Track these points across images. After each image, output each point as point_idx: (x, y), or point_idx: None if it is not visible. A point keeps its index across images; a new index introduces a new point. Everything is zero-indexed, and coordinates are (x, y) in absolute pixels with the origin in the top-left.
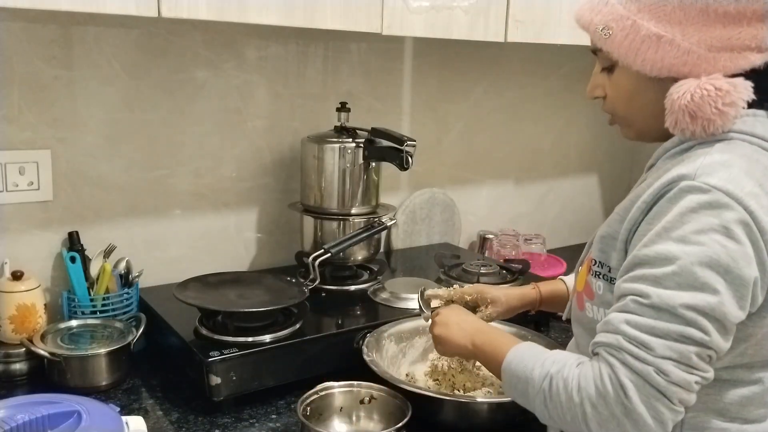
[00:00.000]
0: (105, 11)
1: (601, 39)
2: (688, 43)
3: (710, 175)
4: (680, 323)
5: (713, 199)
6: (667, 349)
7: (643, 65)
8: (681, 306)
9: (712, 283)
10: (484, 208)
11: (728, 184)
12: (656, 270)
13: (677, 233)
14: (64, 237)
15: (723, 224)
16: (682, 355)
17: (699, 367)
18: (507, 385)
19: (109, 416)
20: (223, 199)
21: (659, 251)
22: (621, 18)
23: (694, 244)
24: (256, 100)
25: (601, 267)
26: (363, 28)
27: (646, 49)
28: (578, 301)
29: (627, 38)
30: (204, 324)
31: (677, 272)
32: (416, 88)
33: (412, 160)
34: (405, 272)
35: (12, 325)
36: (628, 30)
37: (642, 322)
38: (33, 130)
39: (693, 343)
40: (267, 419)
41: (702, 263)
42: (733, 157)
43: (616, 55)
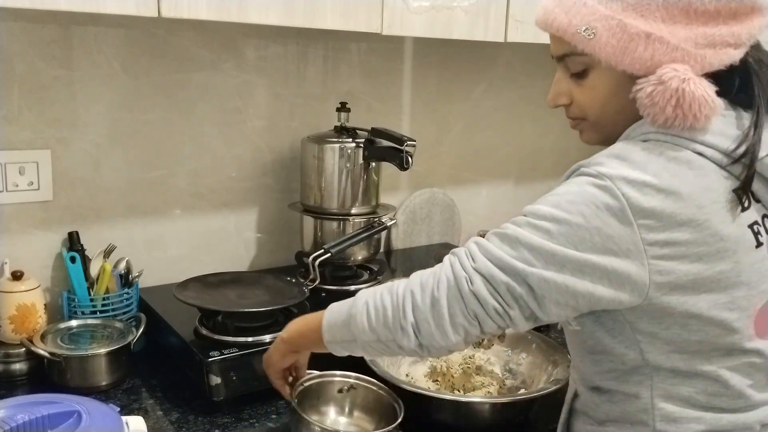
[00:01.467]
0: (105, 11)
1: (583, 41)
2: (676, 40)
3: (601, 165)
4: (512, 255)
5: (596, 182)
6: (484, 267)
7: (631, 64)
8: (525, 241)
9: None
10: (484, 208)
11: (613, 171)
12: (521, 216)
13: (554, 199)
14: (64, 237)
15: (596, 202)
16: (493, 278)
17: (503, 300)
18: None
19: (109, 416)
20: (223, 199)
21: (534, 207)
22: (605, 18)
23: (564, 210)
24: (256, 100)
25: None
26: (363, 28)
27: (635, 47)
28: None
29: (614, 37)
30: (204, 324)
31: (544, 217)
32: (416, 88)
33: (412, 160)
34: (405, 272)
35: (12, 325)
36: (614, 29)
37: (483, 243)
38: (33, 130)
39: (509, 273)
40: (267, 419)
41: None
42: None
43: (601, 56)
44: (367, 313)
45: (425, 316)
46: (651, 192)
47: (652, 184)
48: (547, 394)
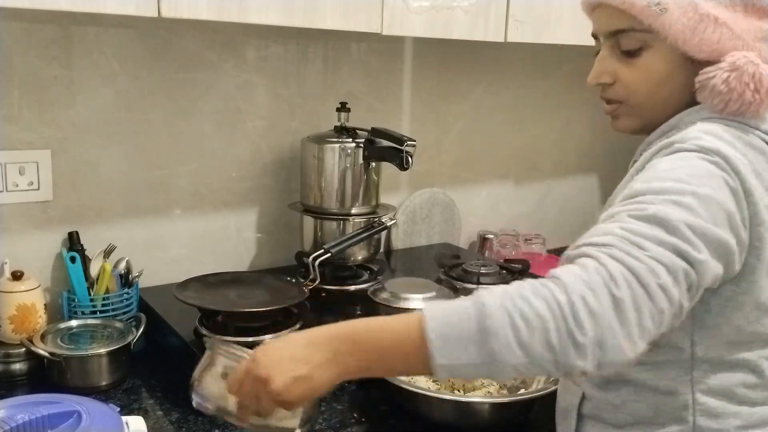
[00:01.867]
0: (105, 11)
1: (653, 15)
2: (738, 29)
3: (699, 139)
4: (677, 237)
5: (701, 156)
6: (661, 254)
7: (698, 46)
8: (679, 221)
9: (705, 212)
10: (484, 208)
11: (714, 144)
12: (651, 196)
13: (671, 174)
14: (64, 237)
15: (710, 172)
16: (672, 266)
17: (682, 287)
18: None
19: (109, 416)
20: (223, 199)
21: (652, 185)
22: None
23: (688, 184)
24: (256, 100)
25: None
26: (363, 28)
27: (703, 29)
28: None
29: (685, 15)
30: (204, 324)
31: (675, 192)
32: (416, 88)
33: (412, 160)
34: (405, 272)
35: (12, 325)
36: (686, 7)
37: (637, 229)
38: (33, 130)
39: (684, 259)
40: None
41: (696, 194)
42: (716, 129)
43: (669, 33)
44: (512, 326)
45: (609, 324)
46: (750, 173)
47: (749, 166)
48: (547, 394)
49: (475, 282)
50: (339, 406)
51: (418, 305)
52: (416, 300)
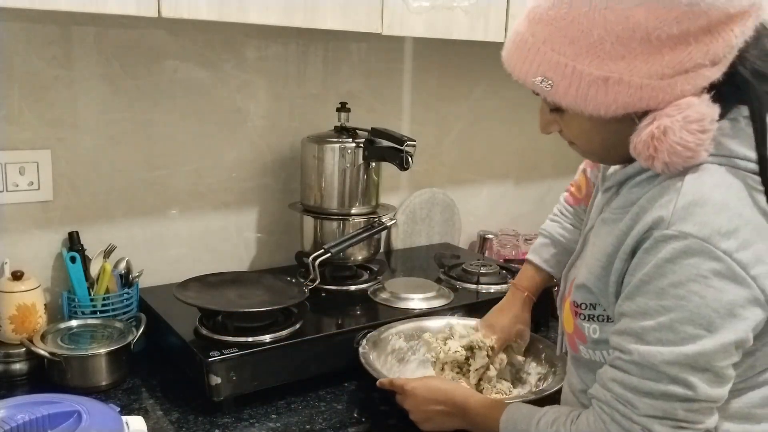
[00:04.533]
0: (105, 11)
1: (543, 91)
2: (638, 78)
3: (684, 221)
4: (663, 381)
5: (689, 248)
6: (651, 408)
7: (596, 110)
8: (662, 363)
9: (692, 336)
10: (484, 208)
11: (703, 229)
12: (636, 324)
13: (654, 286)
14: (64, 237)
15: (700, 274)
16: (666, 413)
17: (690, 420)
18: None
19: (109, 416)
20: (223, 199)
21: (639, 305)
22: (558, 66)
23: (673, 298)
24: (256, 100)
25: (593, 308)
26: (363, 28)
27: (594, 94)
28: (571, 344)
29: (572, 87)
30: (204, 324)
31: (656, 328)
32: (416, 88)
33: (412, 160)
34: (405, 272)
35: (12, 325)
36: (570, 78)
37: (627, 381)
38: (33, 130)
39: (677, 399)
40: (267, 419)
41: (682, 319)
42: (706, 192)
43: (563, 104)
44: None
45: None
46: (746, 233)
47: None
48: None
49: (475, 282)
50: (339, 406)
51: (418, 305)
52: (416, 300)
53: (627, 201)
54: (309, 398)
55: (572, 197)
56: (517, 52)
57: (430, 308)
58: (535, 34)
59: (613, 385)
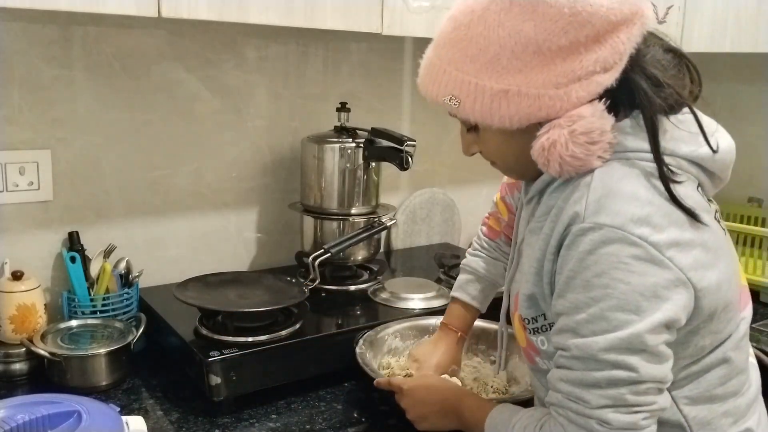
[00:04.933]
0: (105, 11)
1: (453, 109)
2: (534, 89)
3: (598, 213)
4: (605, 368)
5: (605, 237)
6: (601, 398)
7: (501, 122)
8: (600, 351)
9: (623, 322)
10: (484, 208)
11: (616, 218)
12: (571, 320)
13: (580, 280)
14: (64, 237)
15: (621, 261)
16: (616, 399)
17: (641, 403)
18: None
19: (109, 416)
20: (223, 199)
21: (570, 300)
22: (463, 84)
23: (599, 288)
24: (256, 100)
25: (536, 321)
26: (363, 28)
27: (497, 107)
28: (527, 357)
29: (476, 102)
30: (204, 324)
31: (588, 320)
32: (416, 88)
33: (412, 160)
34: (405, 272)
35: (12, 325)
36: (474, 94)
37: (572, 376)
38: (33, 130)
39: (623, 384)
40: (267, 419)
41: (611, 307)
42: (614, 184)
43: (472, 120)
44: None
45: None
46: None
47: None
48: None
49: None
50: (339, 406)
51: (418, 305)
52: (416, 300)
53: (547, 207)
54: (309, 398)
55: (491, 230)
56: (428, 76)
57: (430, 308)
58: (440, 57)
59: (561, 384)
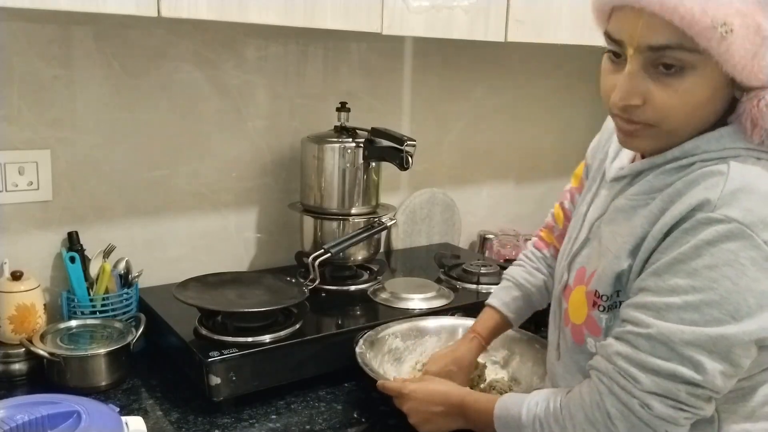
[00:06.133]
0: (105, 11)
1: (715, 38)
2: None
3: (730, 206)
4: (674, 360)
5: (731, 233)
6: (654, 385)
7: (755, 73)
8: (681, 342)
9: (716, 320)
10: (484, 208)
11: (748, 215)
12: (660, 300)
13: (689, 266)
14: (63, 237)
15: (738, 260)
16: (669, 392)
17: (690, 404)
18: None
19: (109, 416)
20: (223, 199)
21: (667, 282)
22: (743, 15)
23: (705, 279)
24: (256, 100)
25: (611, 298)
26: (363, 28)
27: (764, 53)
28: (575, 334)
29: (748, 39)
30: (204, 324)
31: (681, 306)
32: (416, 88)
33: (412, 160)
34: (405, 272)
35: (11, 325)
36: (750, 30)
37: (634, 356)
38: (33, 130)
39: (683, 381)
40: (267, 419)
41: (710, 302)
42: (753, 180)
43: (727, 58)
44: None
45: None
46: None
47: None
48: None
49: (475, 282)
50: (339, 406)
51: (418, 305)
52: (416, 300)
53: (652, 187)
54: (309, 398)
55: (542, 241)
56: None
57: (430, 308)
58: None
59: (618, 358)
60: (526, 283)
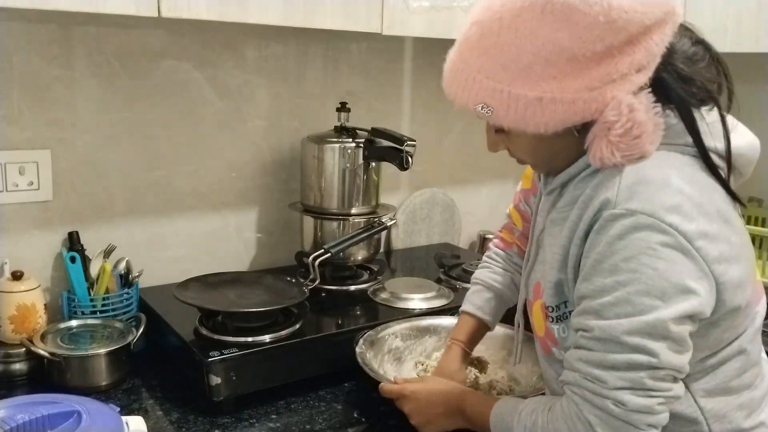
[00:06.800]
0: (105, 11)
1: (485, 116)
2: (569, 94)
3: (630, 200)
4: (626, 351)
5: (636, 223)
6: (618, 380)
7: (536, 128)
8: (623, 334)
9: (649, 306)
10: (484, 208)
11: (647, 205)
12: (595, 303)
13: (608, 264)
14: (64, 237)
15: (650, 246)
16: (634, 382)
17: (658, 389)
18: None
19: (109, 416)
20: (223, 199)
21: (596, 284)
22: (495, 92)
23: (626, 273)
24: (256, 100)
25: (559, 309)
26: (363, 28)
27: (531, 114)
28: (543, 347)
29: (510, 110)
30: (204, 324)
31: (614, 303)
32: (416, 88)
33: (412, 160)
34: (405, 272)
35: (12, 325)
36: (507, 102)
37: (592, 357)
38: (33, 130)
39: (642, 368)
40: (267, 419)
41: (638, 291)
42: (646, 171)
43: (506, 126)
44: None
45: None
46: (688, 207)
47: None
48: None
49: None
50: (339, 406)
51: (418, 305)
52: (416, 300)
53: (573, 197)
54: (309, 398)
55: (502, 242)
56: (456, 83)
57: (430, 308)
58: (468, 64)
59: (579, 364)
60: (495, 283)
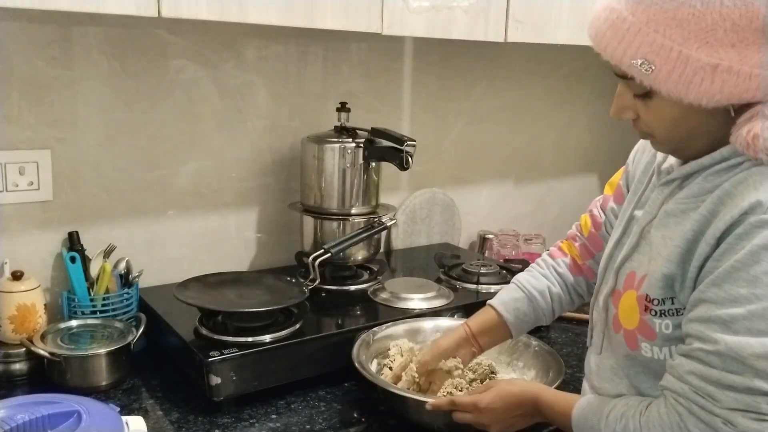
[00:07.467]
0: (105, 11)
1: (640, 74)
2: (748, 67)
3: None
4: (748, 374)
5: None
6: (734, 401)
7: (698, 98)
8: (751, 356)
9: None
10: (484, 208)
11: None
12: (723, 312)
13: (747, 273)
14: (64, 237)
15: None
16: (750, 406)
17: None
18: None
19: (109, 416)
20: (223, 199)
21: (728, 291)
22: (663, 49)
23: (766, 286)
24: (256, 100)
25: (664, 303)
26: (363, 28)
27: (699, 81)
28: (628, 340)
29: (674, 72)
30: (204, 324)
31: (746, 316)
32: (416, 88)
33: (412, 160)
34: (405, 272)
35: (12, 325)
36: (674, 63)
37: (708, 374)
38: (33, 130)
39: (761, 394)
40: (267, 419)
41: None
42: None
43: (662, 90)
44: None
45: None
46: None
47: None
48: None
49: (475, 282)
50: (339, 406)
51: (418, 305)
52: (416, 300)
53: (701, 190)
54: (309, 398)
55: (559, 251)
56: (612, 31)
57: (430, 308)
58: (635, 14)
59: (692, 377)
60: (528, 285)
